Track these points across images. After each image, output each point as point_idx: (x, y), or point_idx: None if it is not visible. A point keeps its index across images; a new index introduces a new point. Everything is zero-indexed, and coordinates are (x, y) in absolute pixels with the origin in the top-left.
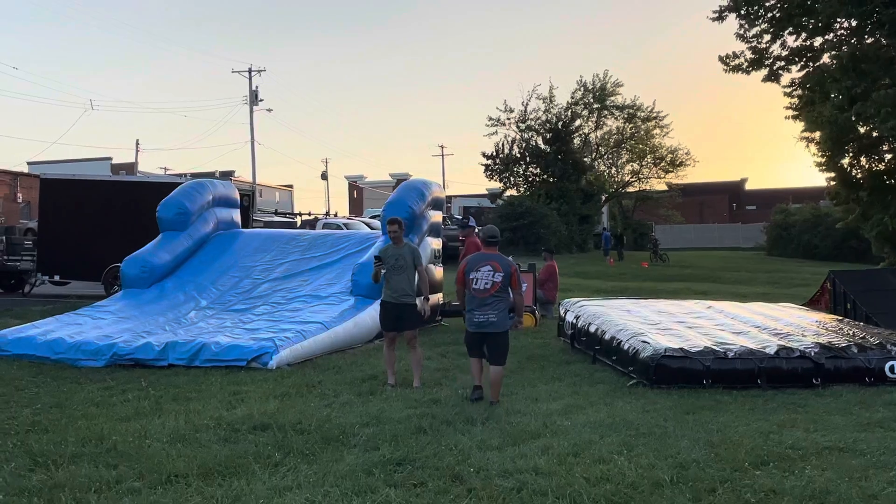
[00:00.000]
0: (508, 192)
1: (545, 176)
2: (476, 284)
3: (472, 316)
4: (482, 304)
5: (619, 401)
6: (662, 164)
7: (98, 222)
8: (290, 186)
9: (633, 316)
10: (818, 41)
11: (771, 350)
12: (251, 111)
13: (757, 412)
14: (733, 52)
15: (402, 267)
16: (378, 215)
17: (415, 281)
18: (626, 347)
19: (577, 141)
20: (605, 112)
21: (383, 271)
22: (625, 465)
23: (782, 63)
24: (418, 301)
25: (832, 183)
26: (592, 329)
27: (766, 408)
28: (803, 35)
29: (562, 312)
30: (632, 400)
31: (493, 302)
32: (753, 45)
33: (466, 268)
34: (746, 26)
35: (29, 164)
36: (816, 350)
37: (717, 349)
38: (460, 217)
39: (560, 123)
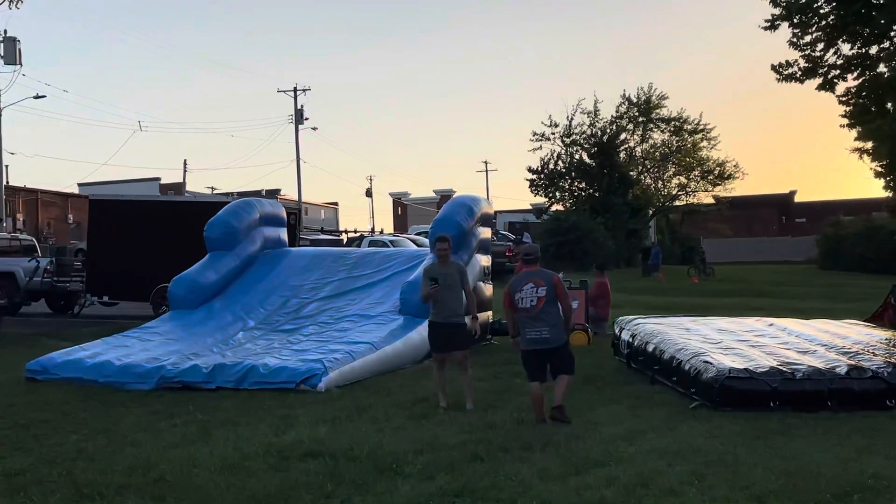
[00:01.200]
0: (554, 207)
1: (591, 190)
2: (522, 304)
3: (525, 333)
4: (533, 322)
5: (683, 425)
6: (710, 177)
7: (146, 242)
8: (336, 204)
9: (693, 334)
10: (874, 49)
11: (841, 370)
12: (296, 130)
13: (831, 437)
14: (786, 61)
15: (451, 286)
16: (424, 232)
17: (463, 300)
18: (686, 368)
19: (622, 155)
20: (651, 125)
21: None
22: (698, 497)
23: (837, 72)
24: (467, 320)
25: (890, 194)
26: (650, 348)
27: (840, 432)
28: (858, 43)
29: (616, 331)
30: (696, 424)
31: (543, 316)
32: (807, 53)
33: (511, 290)
34: (799, 33)
35: (80, 185)
36: (889, 370)
37: (784, 369)
38: (506, 232)
39: (605, 137)
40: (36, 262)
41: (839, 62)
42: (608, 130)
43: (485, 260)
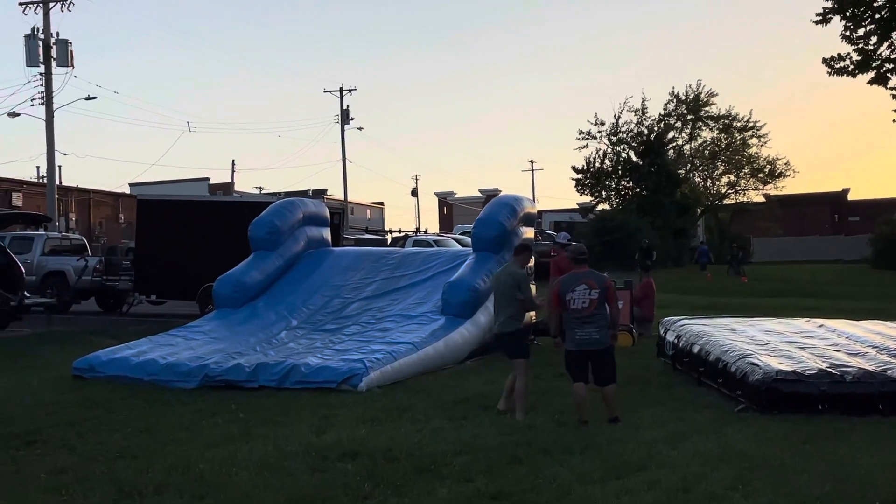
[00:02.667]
0: (600, 207)
1: (638, 189)
2: (574, 304)
3: (573, 334)
4: (584, 323)
5: (728, 428)
6: (760, 175)
7: (193, 242)
8: (381, 204)
9: (740, 336)
10: None
11: (893, 373)
12: (342, 130)
13: (882, 442)
14: (838, 55)
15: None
16: (468, 231)
17: (516, 308)
18: (733, 370)
19: (670, 153)
20: (700, 123)
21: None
22: (741, 503)
23: (891, 66)
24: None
25: None
26: (696, 349)
27: (891, 437)
28: None
29: (661, 332)
30: (742, 427)
31: (593, 319)
32: (860, 46)
33: (561, 289)
34: (852, 27)
35: (131, 185)
36: None
37: (834, 372)
38: (552, 232)
39: (653, 135)
40: (85, 262)
41: (893, 55)
42: (656, 128)
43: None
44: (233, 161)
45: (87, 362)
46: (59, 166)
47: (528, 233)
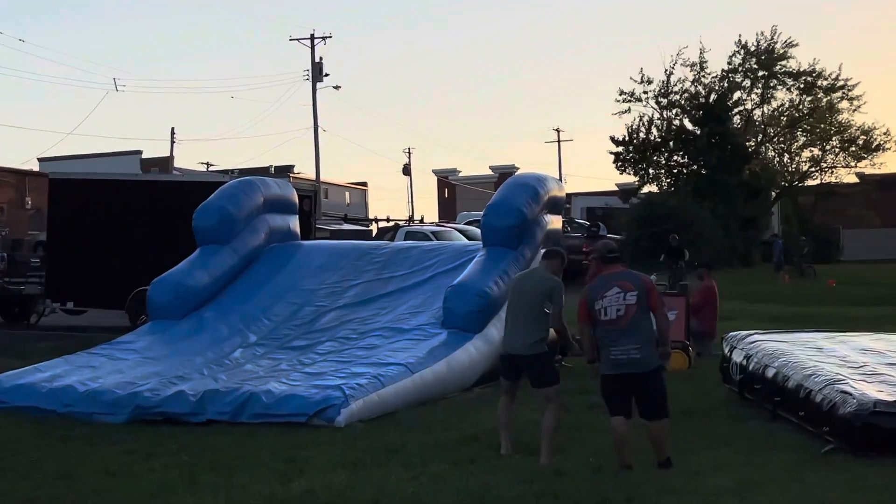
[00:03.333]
0: (646, 188)
1: (694, 166)
2: (605, 315)
3: (608, 353)
4: (619, 337)
5: (813, 475)
6: (852, 149)
7: (121, 234)
8: (364, 185)
9: (828, 356)
10: None
11: None
12: (314, 89)
13: None
14: None
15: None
16: (476, 220)
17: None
18: (818, 399)
19: (736, 120)
20: (774, 81)
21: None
22: None
23: None
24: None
25: None
26: (770, 373)
27: None
28: None
29: (726, 350)
30: (830, 474)
31: (632, 332)
32: None
33: (588, 299)
34: None
35: (40, 160)
36: None
37: None
38: (584, 221)
39: (714, 97)
40: None
41: None
42: (718, 88)
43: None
44: (172, 129)
45: None
46: None
47: (555, 222)
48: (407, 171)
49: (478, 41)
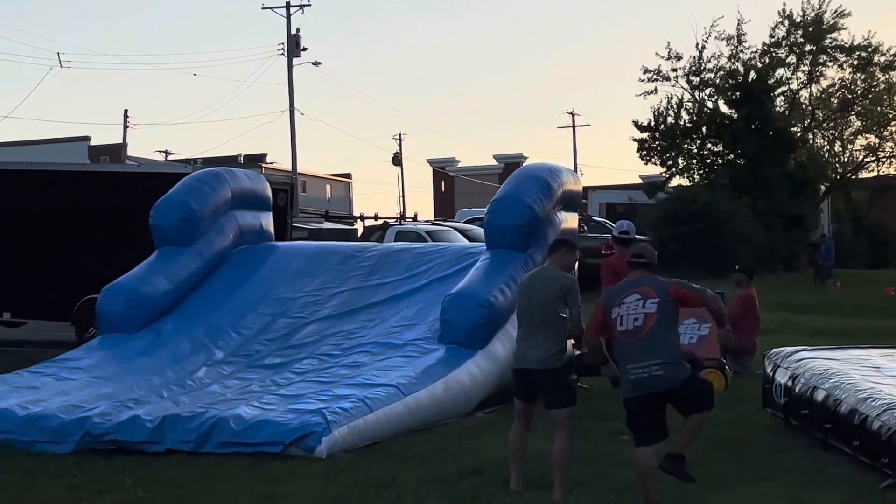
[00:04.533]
0: (675, 181)
1: (731, 155)
2: (622, 324)
3: (626, 372)
4: (638, 352)
5: None
6: None
7: (67, 234)
8: (348, 177)
9: (886, 376)
10: None
11: None
12: (290, 66)
13: None
14: None
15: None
16: (478, 218)
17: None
18: (875, 427)
19: (779, 102)
20: (823, 57)
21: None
22: None
23: None
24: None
25: None
26: (820, 396)
27: None
28: None
29: (768, 369)
30: None
31: (652, 345)
32: None
33: (605, 305)
34: None
35: None
36: None
37: None
38: (603, 219)
39: (753, 76)
40: None
41: None
42: (758, 65)
43: None
44: (125, 112)
45: None
46: None
47: (571, 221)
48: (397, 160)
49: (479, 11)
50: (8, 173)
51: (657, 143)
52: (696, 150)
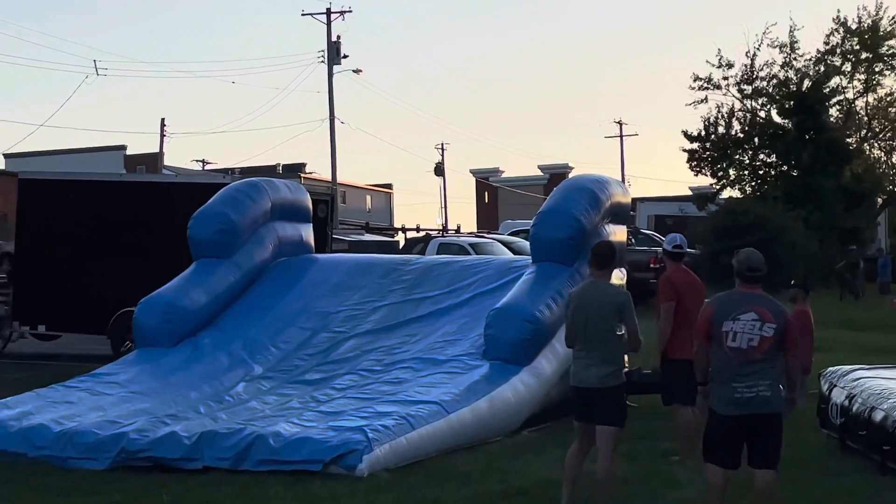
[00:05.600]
0: (726, 193)
1: (784, 166)
2: (733, 340)
3: (729, 390)
4: (746, 371)
5: None
6: None
7: (104, 246)
8: (389, 187)
9: None
10: None
11: None
12: (330, 73)
13: None
14: None
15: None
16: (523, 230)
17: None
18: None
19: (834, 111)
20: (880, 65)
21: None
22: None
23: None
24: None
25: None
26: (878, 417)
27: None
28: None
29: (824, 389)
30: None
31: (762, 368)
32: None
33: (715, 314)
34: None
35: (6, 156)
36: None
37: None
38: (651, 231)
39: (807, 84)
40: None
41: None
42: (812, 74)
43: (617, 276)
44: (162, 120)
45: None
46: None
47: (619, 234)
48: (440, 170)
49: (525, 19)
50: (44, 183)
51: (708, 153)
52: (747, 161)
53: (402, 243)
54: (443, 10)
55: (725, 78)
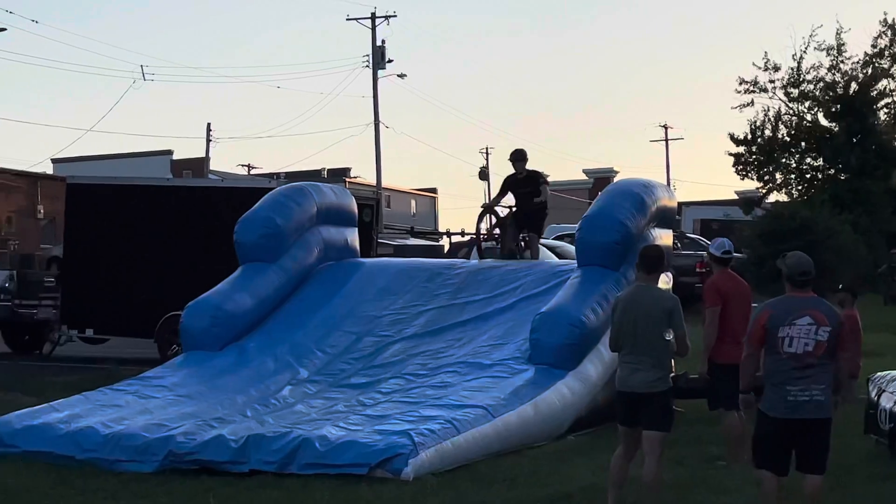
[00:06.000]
0: (772, 197)
1: (831, 170)
2: (789, 346)
3: (783, 392)
4: (801, 376)
5: None
6: None
7: (150, 249)
8: (434, 191)
9: None
10: None
11: None
12: (375, 78)
13: None
14: None
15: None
16: (569, 235)
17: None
18: None
19: (882, 115)
20: None
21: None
22: None
23: None
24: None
25: None
26: None
27: None
28: None
29: (872, 394)
30: None
31: (816, 372)
32: None
33: (770, 320)
34: None
35: (54, 161)
36: None
37: None
38: (697, 236)
39: (854, 87)
40: None
41: None
42: (860, 76)
43: (663, 280)
44: (208, 125)
45: None
46: None
47: (665, 238)
48: (484, 175)
49: (568, 22)
50: (91, 187)
51: (754, 157)
52: (794, 165)
53: (447, 248)
54: (487, 14)
55: (772, 81)
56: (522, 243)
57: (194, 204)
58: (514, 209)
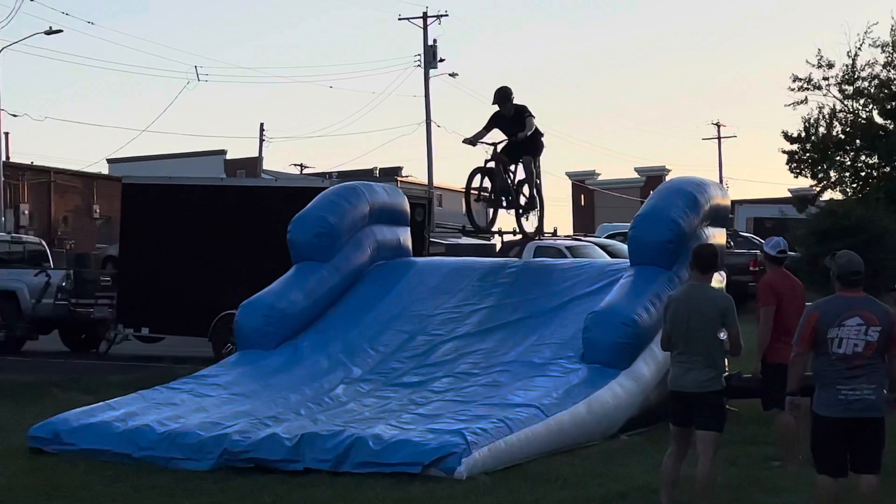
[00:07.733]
0: (827, 195)
1: (887, 168)
2: (839, 346)
3: (834, 392)
4: (852, 376)
5: None
6: None
7: (205, 248)
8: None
9: None
10: None
11: None
12: (426, 77)
13: None
14: None
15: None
16: (620, 233)
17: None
18: None
19: None
20: None
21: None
22: None
23: None
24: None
25: None
26: None
27: None
28: None
29: None
30: None
31: (866, 372)
32: None
33: (820, 321)
34: None
35: (109, 162)
36: None
37: None
38: (750, 234)
39: None
40: (46, 277)
41: None
42: None
43: (716, 279)
44: (261, 125)
45: (49, 429)
46: (6, 134)
47: (718, 237)
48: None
49: (620, 21)
50: (147, 187)
51: (808, 154)
52: (849, 163)
53: (498, 247)
54: (537, 12)
55: (826, 78)
56: (522, 199)
57: (248, 203)
58: (500, 145)
